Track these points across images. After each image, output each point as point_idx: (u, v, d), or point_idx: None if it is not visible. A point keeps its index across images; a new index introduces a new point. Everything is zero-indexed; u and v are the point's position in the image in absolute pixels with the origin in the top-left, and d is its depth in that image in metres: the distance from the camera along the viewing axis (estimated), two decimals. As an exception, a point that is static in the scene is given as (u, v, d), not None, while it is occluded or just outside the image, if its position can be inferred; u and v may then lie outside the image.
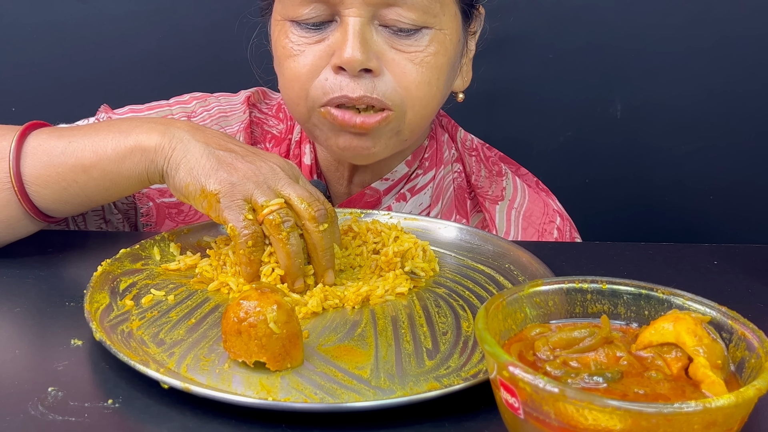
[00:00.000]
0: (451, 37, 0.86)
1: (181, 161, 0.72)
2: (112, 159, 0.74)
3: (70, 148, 0.75)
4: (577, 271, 0.76)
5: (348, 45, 0.81)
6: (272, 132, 1.01)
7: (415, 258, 0.78)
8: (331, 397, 0.56)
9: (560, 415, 0.43)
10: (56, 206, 0.77)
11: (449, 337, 0.65)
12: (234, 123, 0.99)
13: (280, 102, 1.04)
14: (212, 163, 0.72)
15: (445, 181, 1.00)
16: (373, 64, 0.82)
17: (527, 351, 0.51)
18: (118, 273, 0.72)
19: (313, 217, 0.71)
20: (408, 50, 0.83)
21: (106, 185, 0.76)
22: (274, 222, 0.70)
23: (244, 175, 0.71)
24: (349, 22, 0.81)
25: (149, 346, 0.62)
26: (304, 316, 0.68)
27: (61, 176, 0.75)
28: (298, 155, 0.99)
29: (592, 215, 1.43)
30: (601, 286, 0.57)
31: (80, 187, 0.76)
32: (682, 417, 0.41)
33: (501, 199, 1.01)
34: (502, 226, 0.99)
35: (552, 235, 1.00)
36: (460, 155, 1.03)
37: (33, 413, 0.53)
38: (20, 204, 0.76)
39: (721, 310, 0.53)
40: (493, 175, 1.03)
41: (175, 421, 0.53)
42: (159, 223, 0.96)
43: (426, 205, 0.99)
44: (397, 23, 0.82)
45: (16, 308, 0.68)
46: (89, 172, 0.75)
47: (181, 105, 1.01)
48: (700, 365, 0.48)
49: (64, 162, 0.75)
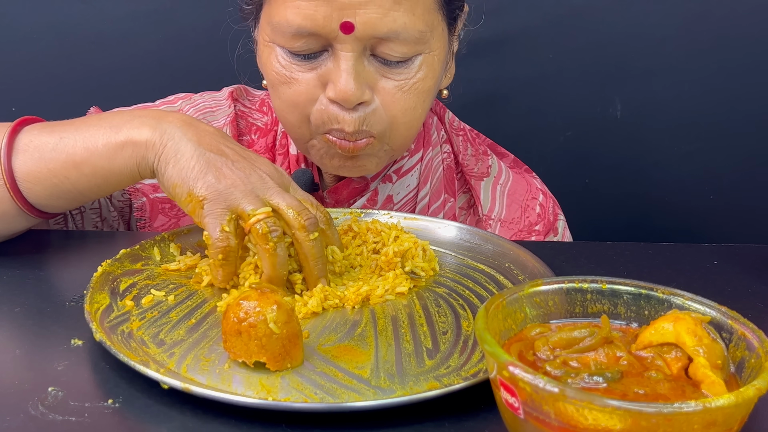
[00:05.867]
0: (439, 55, 0.87)
1: (170, 160, 0.72)
2: (103, 155, 0.74)
3: (61, 144, 0.75)
4: (577, 271, 0.76)
5: (342, 80, 0.81)
6: (257, 124, 1.02)
7: (415, 258, 0.78)
8: (331, 397, 0.56)
9: (560, 414, 0.43)
10: (49, 202, 0.77)
11: (449, 337, 0.65)
12: (220, 117, 1.00)
13: (262, 98, 1.05)
14: (201, 165, 0.71)
15: (433, 163, 1.01)
16: (366, 97, 0.83)
17: (527, 351, 0.51)
18: (119, 273, 0.72)
19: (303, 226, 0.70)
20: (398, 78, 0.84)
21: (98, 181, 0.76)
22: (260, 232, 0.69)
23: (232, 183, 0.70)
24: (341, 56, 0.81)
25: (149, 347, 0.62)
26: (304, 316, 0.68)
27: (52, 173, 0.75)
28: (285, 145, 1.00)
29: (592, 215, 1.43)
30: (601, 286, 0.57)
31: (72, 183, 0.75)
32: (682, 417, 0.41)
33: (486, 176, 1.03)
34: (487, 201, 1.01)
35: (534, 210, 1.02)
36: (448, 136, 1.04)
37: (33, 413, 0.53)
38: (13, 200, 0.75)
39: (721, 310, 0.53)
40: (479, 154, 1.05)
41: (175, 421, 0.53)
42: (152, 218, 0.96)
43: (413, 185, 1.00)
44: (388, 56, 0.82)
45: (16, 308, 0.68)
46: (80, 168, 0.74)
47: (167, 104, 1.02)
48: (700, 365, 0.48)
49: (55, 158, 0.75)
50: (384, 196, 0.98)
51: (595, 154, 1.52)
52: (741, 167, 1.49)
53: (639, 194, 1.53)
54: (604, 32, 1.45)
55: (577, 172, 1.51)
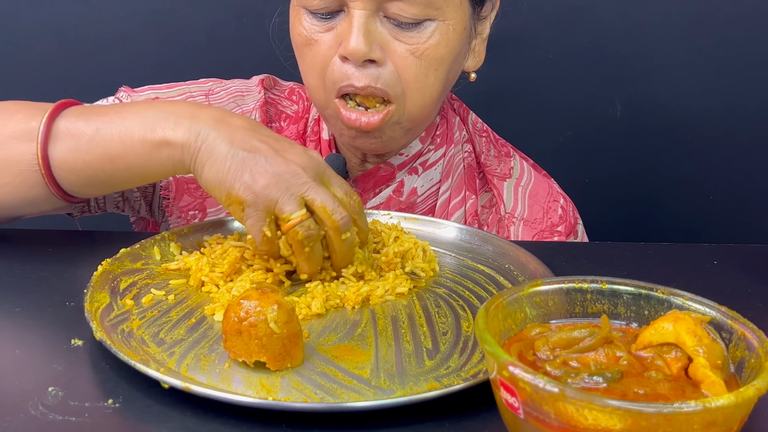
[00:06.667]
0: (456, 27, 0.88)
1: (206, 162, 0.72)
2: (139, 153, 0.74)
3: (97, 137, 0.75)
4: (577, 271, 0.76)
5: (353, 36, 0.84)
6: (286, 112, 1.04)
7: (415, 258, 0.78)
8: (331, 397, 0.56)
9: (560, 415, 0.43)
10: (82, 189, 0.79)
11: (449, 337, 0.65)
12: (250, 102, 1.02)
13: (292, 87, 1.07)
14: (236, 166, 0.71)
15: (455, 160, 1.03)
16: (376, 55, 0.85)
17: (527, 351, 0.51)
18: (119, 272, 0.72)
19: (336, 227, 0.71)
20: (410, 42, 0.86)
21: (132, 176, 0.77)
22: (296, 237, 0.70)
23: (267, 183, 0.70)
24: (354, 14, 0.84)
25: (149, 346, 0.62)
26: (305, 317, 0.68)
27: (88, 164, 0.76)
28: (317, 132, 1.02)
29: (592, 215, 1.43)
30: (601, 286, 0.57)
31: (107, 175, 0.76)
32: (681, 417, 0.41)
33: (509, 177, 1.04)
34: (510, 201, 1.02)
35: (556, 212, 1.02)
36: (470, 136, 1.06)
37: (33, 413, 0.53)
38: (46, 186, 0.77)
39: (721, 310, 0.53)
40: (502, 156, 1.06)
41: (175, 421, 0.53)
42: (178, 197, 0.96)
43: (436, 180, 1.01)
44: (399, 17, 0.85)
45: (17, 308, 0.68)
46: (116, 163, 0.75)
47: (198, 84, 1.03)
48: (699, 365, 0.48)
49: (91, 150, 0.75)
50: (409, 188, 0.99)
51: (595, 154, 1.52)
52: (741, 167, 1.49)
53: (639, 194, 1.53)
54: (604, 32, 1.45)
55: (577, 172, 1.51)
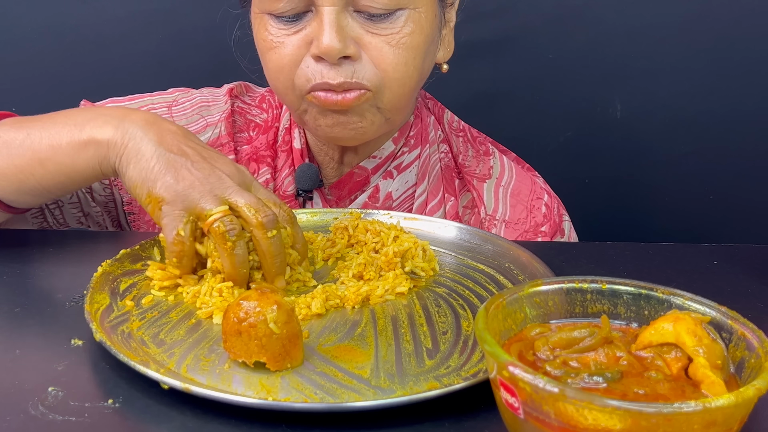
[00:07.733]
0: (427, 14, 0.88)
1: (131, 160, 0.72)
2: (67, 153, 0.75)
3: (27, 141, 0.76)
4: (577, 271, 0.76)
5: (325, 35, 0.82)
6: (255, 121, 1.03)
7: (415, 258, 0.78)
8: (331, 397, 0.56)
9: (560, 415, 0.43)
10: (16, 197, 0.79)
11: (449, 337, 0.65)
12: (215, 113, 1.01)
13: (263, 94, 1.06)
14: (161, 166, 0.71)
15: (431, 160, 1.01)
16: (350, 51, 0.84)
17: (527, 351, 0.51)
18: (119, 273, 0.72)
19: (261, 224, 0.70)
20: (384, 33, 0.85)
21: (62, 178, 0.77)
22: (218, 231, 0.69)
23: (191, 184, 0.70)
24: (324, 12, 0.83)
25: (149, 347, 0.62)
26: (305, 317, 0.68)
27: (18, 168, 0.76)
28: (288, 142, 1.01)
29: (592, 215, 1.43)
30: (601, 286, 0.57)
31: (37, 179, 0.77)
32: (681, 417, 0.41)
33: (488, 177, 1.02)
34: (491, 203, 1.00)
35: (540, 211, 1.01)
36: (446, 136, 1.05)
37: (33, 413, 0.53)
38: None
39: (721, 310, 0.53)
40: (480, 155, 1.05)
41: (175, 421, 0.53)
42: (143, 212, 0.96)
43: (412, 183, 1.00)
44: (370, 8, 0.84)
45: (17, 308, 0.68)
46: (45, 165, 0.76)
47: (162, 96, 1.02)
48: (699, 365, 0.48)
49: (21, 154, 0.76)
50: (384, 193, 0.99)
51: (595, 154, 1.52)
52: (741, 168, 1.49)
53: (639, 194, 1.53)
54: (604, 32, 1.45)
55: (577, 172, 1.51)
